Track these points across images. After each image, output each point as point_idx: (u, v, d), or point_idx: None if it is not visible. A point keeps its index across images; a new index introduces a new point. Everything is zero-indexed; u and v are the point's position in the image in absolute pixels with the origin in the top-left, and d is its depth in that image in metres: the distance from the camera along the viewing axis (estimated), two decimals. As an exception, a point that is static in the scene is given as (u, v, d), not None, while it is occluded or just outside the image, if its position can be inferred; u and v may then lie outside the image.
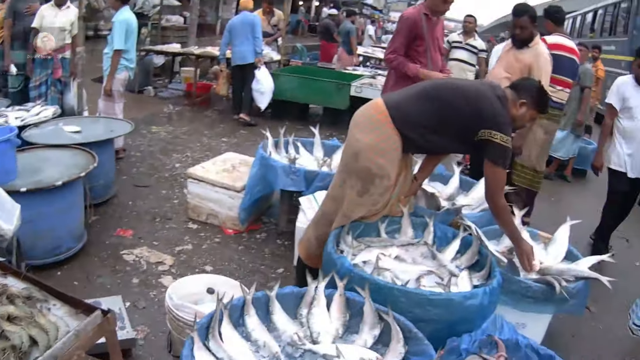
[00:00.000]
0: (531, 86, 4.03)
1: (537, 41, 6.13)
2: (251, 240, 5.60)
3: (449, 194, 5.23)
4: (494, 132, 3.65)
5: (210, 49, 12.68)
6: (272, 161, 5.42)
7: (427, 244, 3.91)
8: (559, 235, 4.53)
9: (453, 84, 4.00)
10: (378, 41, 27.15)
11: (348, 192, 3.86)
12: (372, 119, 3.82)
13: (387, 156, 3.76)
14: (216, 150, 8.47)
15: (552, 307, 3.96)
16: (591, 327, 5.16)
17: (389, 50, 6.05)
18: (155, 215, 5.91)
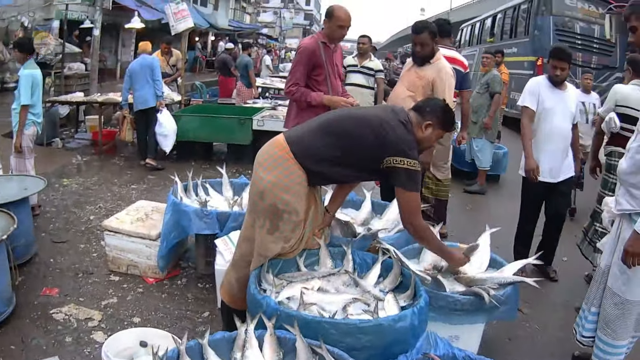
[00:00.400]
0: (436, 107, 4.08)
1: (438, 57, 6.23)
2: (173, 287, 5.57)
3: (363, 219, 5.30)
4: (399, 159, 3.69)
5: (112, 95, 12.54)
6: (184, 206, 5.40)
7: (347, 272, 3.94)
8: (480, 244, 4.55)
9: (354, 114, 4.05)
10: (275, 70, 27.31)
11: (259, 232, 3.87)
12: (274, 157, 3.83)
13: (292, 191, 3.78)
14: (127, 198, 8.40)
15: (484, 316, 4.05)
16: (526, 328, 5.30)
17: (290, 82, 6.05)
18: (77, 270, 5.81)
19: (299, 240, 3.95)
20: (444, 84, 6.06)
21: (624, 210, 3.90)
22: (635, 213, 3.80)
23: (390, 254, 4.06)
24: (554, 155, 6.09)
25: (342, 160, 3.81)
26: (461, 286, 4.16)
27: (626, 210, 3.88)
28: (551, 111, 6.06)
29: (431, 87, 6.08)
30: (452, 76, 6.22)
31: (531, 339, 5.14)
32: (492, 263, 4.52)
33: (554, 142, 6.08)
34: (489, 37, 24.85)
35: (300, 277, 3.87)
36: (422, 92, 6.05)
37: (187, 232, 5.42)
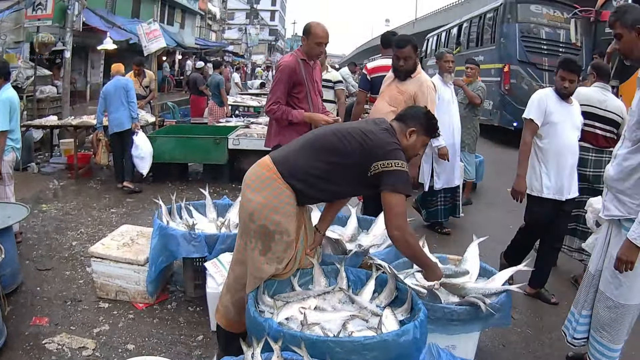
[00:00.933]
0: (418, 113, 4.12)
1: (419, 70, 6.29)
2: (164, 312, 5.49)
3: (350, 235, 5.31)
4: (386, 162, 3.68)
5: (86, 118, 12.46)
6: (171, 230, 5.33)
7: (342, 289, 3.94)
8: (468, 255, 4.63)
9: (337, 129, 4.01)
10: (244, 88, 27.29)
11: (251, 254, 3.84)
12: (261, 177, 3.82)
13: (282, 212, 3.76)
14: (108, 222, 8.30)
15: (480, 324, 4.06)
16: (519, 333, 5.34)
17: (270, 101, 6.05)
18: (65, 298, 5.70)
19: (292, 261, 3.91)
20: (426, 98, 6.13)
21: (613, 216, 3.97)
22: (625, 219, 3.87)
23: (384, 269, 4.05)
24: (563, 172, 5.76)
25: (329, 176, 3.81)
26: (454, 297, 4.18)
27: (615, 216, 3.95)
28: (560, 125, 5.72)
29: (413, 101, 6.12)
30: (433, 89, 6.29)
31: (525, 343, 5.19)
32: (482, 272, 4.54)
33: (564, 158, 5.75)
34: (456, 46, 25.00)
35: (296, 296, 3.84)
36: (403, 106, 5.94)
37: (175, 256, 5.34)
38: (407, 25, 70.41)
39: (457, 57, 13.19)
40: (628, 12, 3.82)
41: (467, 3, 44.68)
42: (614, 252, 3.91)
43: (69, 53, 16.04)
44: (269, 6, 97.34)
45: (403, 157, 3.80)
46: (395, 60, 6.38)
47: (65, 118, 13.56)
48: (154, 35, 13.11)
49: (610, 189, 4.04)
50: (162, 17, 37.30)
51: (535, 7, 19.24)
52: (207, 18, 55.04)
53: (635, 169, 3.80)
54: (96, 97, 24.76)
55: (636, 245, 3.62)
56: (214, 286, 4.80)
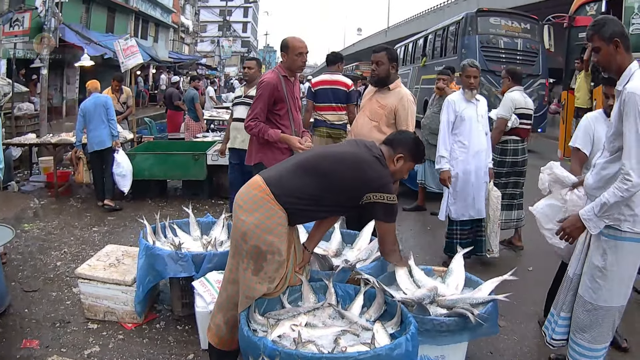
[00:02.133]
0: (407, 139, 4.20)
1: (398, 84, 6.28)
2: (153, 331, 5.44)
3: (335, 250, 5.33)
4: (378, 194, 3.80)
5: (64, 135, 12.33)
6: (158, 250, 5.30)
7: (331, 305, 3.96)
8: (454, 266, 4.66)
9: (330, 153, 4.07)
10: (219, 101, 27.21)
11: (243, 274, 3.85)
12: (254, 198, 3.82)
13: (275, 232, 3.78)
14: (90, 242, 8.23)
15: (468, 334, 4.10)
16: (506, 340, 5.39)
17: (249, 117, 6.05)
18: (53, 320, 5.63)
19: (282, 279, 3.93)
20: (407, 112, 6.13)
21: None
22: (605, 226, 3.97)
23: (372, 283, 4.08)
24: None
25: (321, 199, 3.86)
26: (442, 309, 4.20)
27: None
28: None
29: (394, 115, 6.14)
30: (413, 103, 6.27)
31: (512, 350, 5.23)
32: (468, 282, 4.59)
33: None
34: (422, 56, 26.25)
35: (286, 314, 3.85)
36: (385, 120, 6.14)
37: (162, 276, 5.31)
38: (379, 34, 70.82)
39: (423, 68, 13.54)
40: (606, 25, 3.89)
41: (440, 10, 45.49)
42: (593, 257, 4.07)
43: (46, 70, 15.95)
44: (241, 17, 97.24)
45: (392, 189, 3.93)
46: (372, 70, 6.37)
47: (43, 135, 13.44)
48: (131, 51, 13.01)
49: (589, 197, 4.17)
50: (136, 31, 37.22)
51: (494, 20, 21.05)
52: (180, 31, 54.94)
53: (612, 177, 3.91)
54: (72, 113, 24.77)
55: (582, 223, 3.92)
56: (203, 305, 4.77)
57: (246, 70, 8.81)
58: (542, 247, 6.22)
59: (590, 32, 3.98)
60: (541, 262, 6.69)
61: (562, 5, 18.33)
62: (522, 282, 6.18)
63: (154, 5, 42.48)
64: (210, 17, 73.65)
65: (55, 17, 16.19)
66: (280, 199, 3.78)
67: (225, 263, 4.20)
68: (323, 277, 4.25)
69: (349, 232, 5.69)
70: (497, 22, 21.10)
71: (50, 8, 15.92)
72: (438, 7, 47.89)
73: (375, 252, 5.06)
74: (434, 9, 49.02)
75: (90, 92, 10.41)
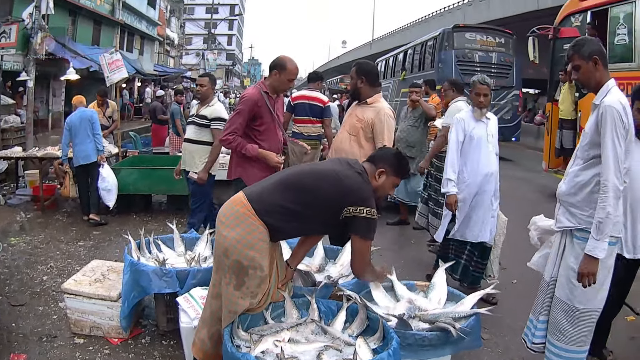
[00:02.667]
0: (388, 154, 4.23)
1: (377, 99, 6.24)
2: (138, 346, 5.46)
3: (318, 265, 5.35)
4: (358, 208, 3.80)
5: (50, 148, 12.28)
6: (142, 266, 5.30)
7: (314, 320, 3.98)
8: (436, 280, 4.69)
9: (312, 169, 4.13)
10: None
11: (226, 289, 3.88)
12: (236, 214, 3.86)
13: (256, 248, 3.81)
14: (76, 256, 8.22)
15: (451, 348, 4.10)
16: (489, 353, 5.45)
17: (227, 131, 6.04)
18: (40, 334, 5.63)
19: (265, 295, 3.96)
20: (383, 125, 6.10)
21: (565, 227, 4.31)
22: (576, 229, 4.22)
23: (354, 299, 4.12)
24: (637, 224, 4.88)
25: (302, 215, 3.89)
26: (424, 323, 4.22)
27: (567, 227, 4.29)
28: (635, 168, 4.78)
29: (371, 129, 6.14)
30: (391, 117, 6.21)
31: (496, 363, 5.25)
32: (450, 296, 4.62)
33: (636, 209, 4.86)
34: (401, 70, 27.21)
35: (269, 329, 3.88)
36: (362, 134, 6.15)
37: (147, 292, 5.31)
38: (364, 47, 70.95)
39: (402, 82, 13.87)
40: (586, 45, 4.17)
41: (425, 22, 45.80)
42: (568, 259, 4.26)
43: (32, 82, 15.92)
44: (226, 30, 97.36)
45: (374, 204, 3.91)
46: None
47: (29, 148, 13.44)
48: (116, 65, 13.03)
49: (562, 203, 4.37)
50: (122, 44, 37.14)
51: (470, 35, 22.22)
52: (166, 44, 54.87)
53: (585, 184, 4.15)
54: (58, 126, 24.71)
55: (593, 257, 3.95)
56: (187, 320, 4.76)
57: (198, 88, 8.35)
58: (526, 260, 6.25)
59: (570, 51, 4.23)
60: (525, 275, 6.71)
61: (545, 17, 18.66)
62: (506, 295, 6.28)
63: (140, 18, 42.52)
64: (196, 30, 73.61)
65: (41, 29, 16.16)
66: (261, 214, 3.81)
67: (209, 279, 4.23)
68: (306, 293, 4.27)
69: (332, 247, 5.70)
70: (473, 37, 22.22)
71: (37, 20, 15.90)
72: (423, 19, 48.22)
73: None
74: (418, 21, 49.33)
75: (76, 107, 10.41)
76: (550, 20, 14.00)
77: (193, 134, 8.06)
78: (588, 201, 4.12)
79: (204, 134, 8.01)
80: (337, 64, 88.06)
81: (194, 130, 8.06)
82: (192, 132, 8.08)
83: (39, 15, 15.93)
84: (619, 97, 4.04)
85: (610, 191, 3.88)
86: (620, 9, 10.81)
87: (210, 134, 7.96)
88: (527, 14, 28.89)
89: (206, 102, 8.08)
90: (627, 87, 9.95)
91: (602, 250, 3.94)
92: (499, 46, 22.40)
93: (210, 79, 8.30)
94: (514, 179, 8.04)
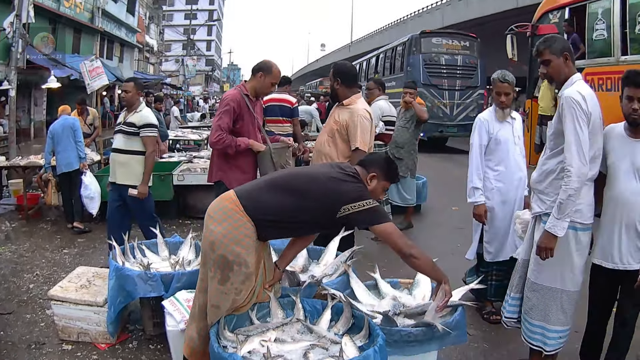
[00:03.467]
0: (378, 159, 4.24)
1: (353, 100, 6.10)
2: (126, 351, 5.44)
3: (302, 266, 5.35)
4: (355, 204, 3.79)
5: (33, 157, 12.19)
6: (127, 271, 5.29)
7: (299, 320, 3.99)
8: (420, 277, 4.69)
9: (303, 172, 4.18)
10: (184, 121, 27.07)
11: (211, 283, 3.88)
12: (224, 209, 3.87)
13: (242, 244, 3.81)
14: (62, 264, 8.19)
15: (437, 343, 4.10)
16: (476, 348, 5.46)
17: (216, 132, 6.01)
18: (28, 342, 5.60)
19: (250, 293, 3.94)
20: (356, 127, 5.94)
21: (536, 212, 4.57)
22: (544, 214, 4.45)
23: (339, 298, 4.12)
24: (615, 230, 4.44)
25: (292, 216, 3.89)
26: (410, 320, 4.24)
27: (537, 212, 4.56)
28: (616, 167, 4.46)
29: (345, 129, 6.05)
30: (365, 118, 6.02)
31: (483, 357, 5.31)
32: (435, 292, 4.61)
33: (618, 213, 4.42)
34: (374, 73, 28.89)
35: (255, 330, 3.88)
36: (338, 136, 6.06)
37: (133, 296, 5.30)
38: (343, 49, 70.95)
39: None
40: (557, 42, 4.41)
41: (403, 24, 46.01)
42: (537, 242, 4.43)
43: (14, 92, 15.82)
44: (204, 36, 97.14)
45: (369, 196, 3.91)
46: None
47: (12, 158, 13.33)
48: (96, 72, 13.03)
49: (534, 191, 4.64)
50: (102, 51, 37.07)
51: (436, 40, 23.94)
52: (145, 50, 54.71)
53: (551, 171, 4.42)
54: (40, 135, 24.59)
55: (552, 233, 4.20)
56: (174, 324, 4.75)
57: (123, 95, 7.65)
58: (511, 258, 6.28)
59: (541, 47, 4.43)
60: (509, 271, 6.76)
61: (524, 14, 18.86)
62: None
63: (119, 25, 42.37)
64: (175, 36, 73.39)
65: (22, 38, 16.08)
66: (249, 210, 3.81)
67: (193, 282, 4.24)
68: (290, 293, 4.27)
69: (315, 248, 5.70)
70: (439, 42, 23.91)
71: (17, 29, 15.81)
72: (401, 20, 48.32)
73: (340, 267, 5.08)
74: (397, 22, 49.44)
75: (60, 115, 10.42)
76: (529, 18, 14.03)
77: (122, 143, 7.43)
78: (554, 187, 4.34)
79: (134, 143, 7.39)
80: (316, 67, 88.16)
81: (122, 140, 7.44)
82: (121, 141, 7.45)
83: (19, 24, 15.85)
84: (579, 88, 4.22)
85: (574, 175, 4.07)
86: (598, 4, 10.86)
87: (141, 143, 7.39)
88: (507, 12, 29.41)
89: (132, 108, 7.50)
90: (606, 81, 10.25)
91: (562, 229, 4.17)
92: (464, 49, 23.78)
93: (135, 84, 7.66)
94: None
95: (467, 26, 33.24)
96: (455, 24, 34.53)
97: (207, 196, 8.43)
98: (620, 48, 10.10)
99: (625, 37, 9.99)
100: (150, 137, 7.33)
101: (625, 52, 10.00)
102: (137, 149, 7.36)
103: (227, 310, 3.87)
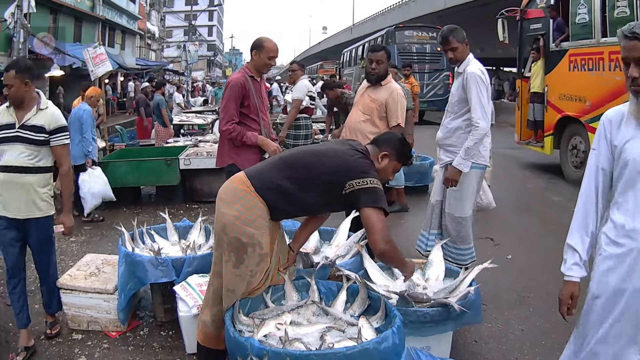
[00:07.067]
0: (392, 138, 4.16)
1: (389, 79, 6.43)
2: (137, 338, 5.35)
3: (314, 247, 5.33)
4: (361, 180, 3.68)
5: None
6: (138, 257, 5.19)
7: (315, 302, 3.94)
8: (433, 257, 4.75)
9: (313, 149, 4.09)
10: (188, 106, 27.02)
11: (225, 266, 3.80)
12: (235, 190, 3.80)
13: (255, 224, 3.73)
14: (69, 252, 8.07)
15: (453, 324, 4.14)
16: (490, 328, 5.38)
17: (225, 120, 5.96)
18: (38, 332, 5.49)
19: (265, 275, 3.88)
20: (397, 105, 6.29)
21: (445, 162, 5.82)
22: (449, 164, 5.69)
23: (354, 279, 4.05)
24: None
25: (302, 191, 3.80)
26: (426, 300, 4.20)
27: (446, 162, 5.83)
28: None
29: (385, 108, 6.27)
30: (403, 97, 6.45)
31: (496, 337, 5.23)
32: (448, 273, 4.68)
33: None
34: (361, 59, 31.63)
35: (270, 313, 3.82)
36: (376, 114, 6.31)
37: (143, 282, 5.21)
38: (345, 32, 70.72)
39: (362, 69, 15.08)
40: (459, 32, 5.65)
41: (405, 5, 45.93)
42: None
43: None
44: (206, 21, 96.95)
45: (377, 176, 3.80)
46: (368, 65, 6.47)
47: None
48: (100, 59, 12.87)
49: (441, 147, 5.95)
50: (103, 39, 36.87)
51: (408, 32, 28.88)
52: (147, 37, 54.59)
53: (457, 128, 5.71)
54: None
55: (458, 169, 5.50)
56: (186, 309, 4.70)
57: (6, 91, 4.92)
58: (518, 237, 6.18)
59: (450, 36, 5.63)
60: (519, 251, 6.72)
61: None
62: (502, 270, 6.23)
63: (120, 13, 42.29)
64: (176, 22, 73.20)
65: (24, 28, 15.96)
66: (260, 190, 3.75)
67: (205, 266, 4.15)
68: (305, 275, 4.22)
69: (327, 229, 5.65)
70: (410, 34, 28.69)
71: (19, 19, 15.69)
72: (403, 2, 47.93)
73: (353, 248, 5.03)
74: (399, 4, 49.03)
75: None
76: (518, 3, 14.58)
77: (23, 158, 4.91)
78: (461, 140, 5.61)
79: (42, 156, 5.01)
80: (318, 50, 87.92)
81: (21, 151, 4.90)
82: (18, 154, 4.90)
83: (20, 14, 15.72)
84: (478, 66, 5.55)
85: (480, 128, 5.38)
86: (581, -10, 11.44)
87: (49, 155, 5.09)
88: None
89: (26, 105, 4.97)
90: (587, 61, 11.13)
91: (467, 167, 5.49)
92: (432, 39, 27.69)
93: (18, 72, 4.90)
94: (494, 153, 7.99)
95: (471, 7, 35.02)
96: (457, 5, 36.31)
97: (214, 180, 8.25)
98: (601, 31, 10.72)
99: (605, 20, 10.57)
100: (65, 147, 5.16)
101: (605, 35, 10.63)
102: (43, 164, 5.04)
103: (242, 294, 3.80)
